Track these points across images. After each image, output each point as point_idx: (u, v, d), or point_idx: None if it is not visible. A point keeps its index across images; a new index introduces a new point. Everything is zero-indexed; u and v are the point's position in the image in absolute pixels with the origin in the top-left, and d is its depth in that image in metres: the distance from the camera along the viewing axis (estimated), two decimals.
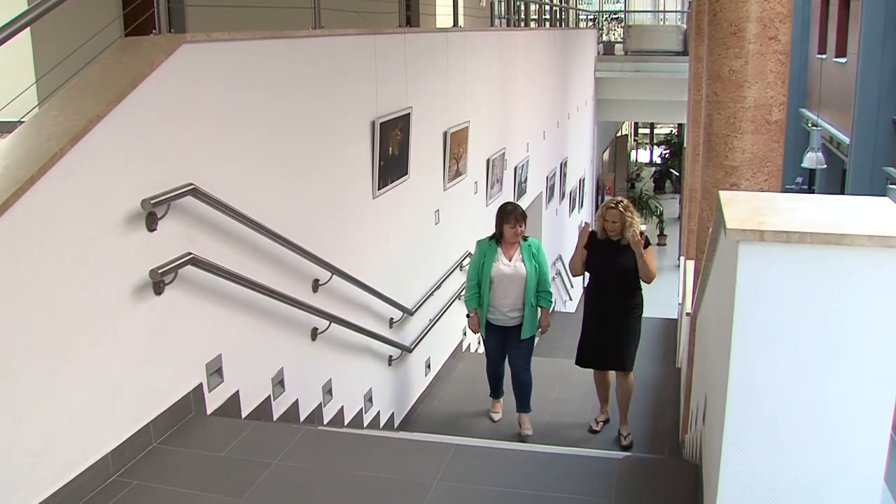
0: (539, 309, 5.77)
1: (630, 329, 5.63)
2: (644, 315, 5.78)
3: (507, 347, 5.90)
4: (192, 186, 3.53)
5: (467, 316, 5.90)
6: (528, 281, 5.63)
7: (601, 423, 6.05)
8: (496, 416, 6.24)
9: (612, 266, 5.50)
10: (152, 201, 3.29)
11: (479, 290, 5.75)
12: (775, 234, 1.99)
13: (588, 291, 5.79)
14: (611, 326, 5.59)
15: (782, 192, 4.51)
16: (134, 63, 3.32)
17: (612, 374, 5.89)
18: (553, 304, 5.89)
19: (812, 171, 15.95)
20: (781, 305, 2.03)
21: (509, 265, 5.66)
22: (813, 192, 16.24)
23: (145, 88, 3.28)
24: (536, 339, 5.81)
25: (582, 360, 5.83)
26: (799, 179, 16.48)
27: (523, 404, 6.02)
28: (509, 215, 5.65)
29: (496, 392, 6.23)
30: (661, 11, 28.53)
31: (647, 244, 5.43)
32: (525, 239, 5.73)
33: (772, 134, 4.15)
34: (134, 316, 3.31)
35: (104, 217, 3.13)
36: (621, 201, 5.52)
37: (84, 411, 3.08)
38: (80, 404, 3.06)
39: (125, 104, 3.17)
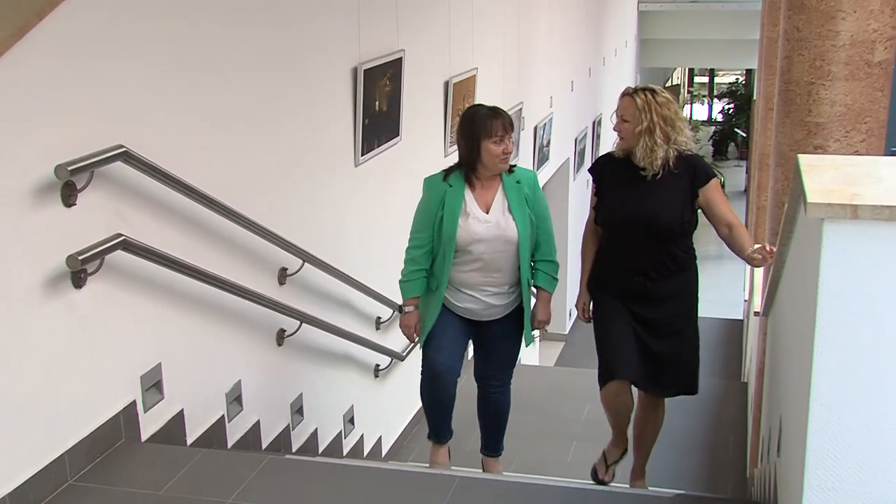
0: (537, 291, 4.42)
1: (683, 323, 4.29)
2: (700, 307, 4.40)
3: (465, 348, 4.59)
4: (123, 149, 3.49)
5: (400, 309, 4.49)
6: (520, 246, 4.20)
7: (612, 467, 4.68)
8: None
9: (639, 216, 4.10)
10: (70, 168, 3.24)
11: (427, 265, 4.33)
12: (874, 210, 1.95)
13: (602, 260, 4.35)
14: (646, 320, 4.23)
15: (886, 155, 4.45)
16: None
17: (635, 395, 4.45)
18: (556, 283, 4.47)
19: None
20: (880, 302, 2.00)
21: (489, 221, 4.19)
22: None
23: (57, 20, 3.21)
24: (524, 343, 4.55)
25: (616, 372, 4.23)
26: None
27: (493, 442, 4.76)
28: (490, 121, 4.12)
29: (441, 432, 4.67)
30: None
31: (708, 176, 4.14)
32: (511, 169, 4.27)
33: (873, 80, 4.07)
34: (46, 315, 3.27)
35: (4, 188, 3.08)
36: (650, 89, 4.13)
37: None
38: None
39: (29, 41, 3.10)
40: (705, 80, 35.32)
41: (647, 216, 4.07)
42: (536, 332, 4.54)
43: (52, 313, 3.29)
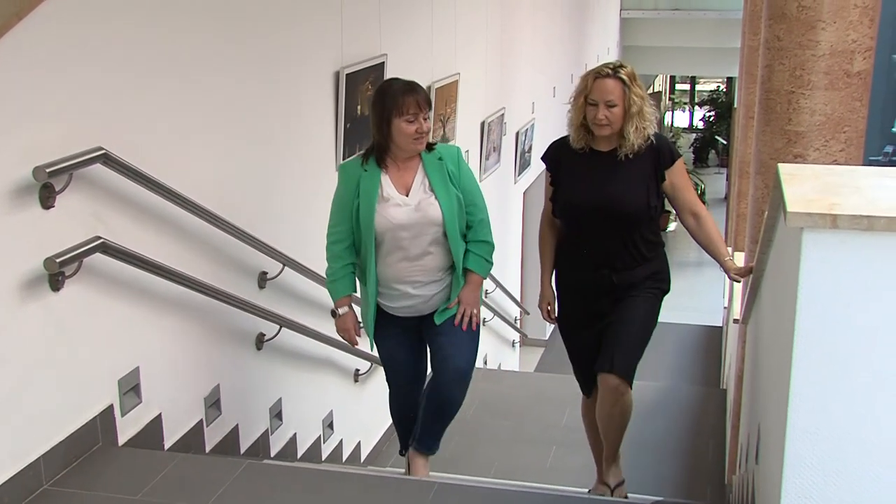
0: (466, 274, 4.00)
1: (642, 313, 3.97)
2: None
3: (424, 353, 4.24)
4: (102, 151, 3.47)
5: (333, 314, 4.16)
6: (447, 228, 3.88)
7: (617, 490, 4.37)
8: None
9: (603, 200, 3.83)
10: (48, 170, 3.21)
11: (352, 259, 4.02)
12: (853, 220, 1.95)
13: (562, 255, 4.08)
14: (605, 310, 3.97)
15: (865, 165, 4.47)
16: None
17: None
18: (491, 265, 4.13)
19: None
20: (859, 311, 2.00)
21: (408, 204, 3.87)
22: None
23: (35, 21, 3.19)
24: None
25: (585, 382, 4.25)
26: (889, 149, 16.47)
27: (429, 437, 4.29)
28: (402, 97, 3.78)
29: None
30: None
31: (673, 157, 3.92)
32: (431, 148, 3.96)
33: (852, 90, 4.10)
34: (22, 318, 3.25)
35: None
36: (622, 66, 3.89)
37: None
38: None
39: (9, 41, 3.08)
40: (687, 87, 35.46)
41: (610, 201, 3.80)
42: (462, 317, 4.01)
43: (28, 316, 3.27)
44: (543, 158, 4.12)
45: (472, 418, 6.47)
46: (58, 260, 3.28)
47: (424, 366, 4.29)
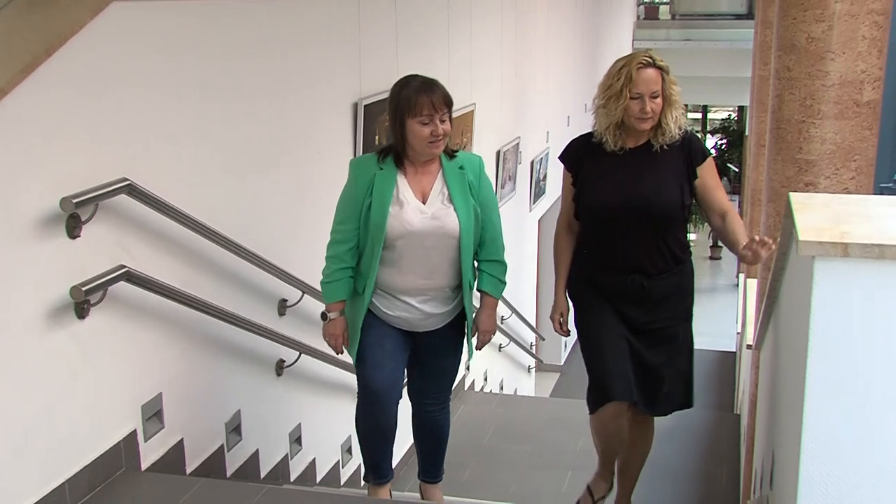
0: (481, 297, 3.80)
1: (678, 328, 3.82)
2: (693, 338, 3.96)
3: (409, 368, 3.92)
4: (127, 182, 3.50)
5: (324, 316, 3.92)
6: (462, 242, 3.60)
7: (599, 503, 4.32)
8: None
9: (635, 199, 3.59)
10: (75, 200, 3.24)
11: (353, 263, 3.72)
12: (864, 249, 1.96)
13: (586, 260, 3.83)
14: (639, 328, 3.75)
15: (875, 193, 4.47)
16: (49, 24, 3.27)
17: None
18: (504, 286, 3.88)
19: None
20: (871, 339, 2.00)
21: (425, 212, 3.58)
22: None
23: (65, 57, 3.23)
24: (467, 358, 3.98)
25: (614, 393, 3.73)
26: None
27: (432, 466, 4.17)
28: (416, 97, 3.47)
29: (380, 466, 3.99)
30: None
31: (704, 155, 3.69)
32: (453, 154, 3.70)
33: (862, 119, 4.11)
34: (49, 345, 3.27)
35: (10, 220, 3.09)
36: (651, 54, 3.66)
37: None
38: None
39: (39, 76, 3.12)
40: (698, 115, 35.43)
41: (643, 200, 3.55)
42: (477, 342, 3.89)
43: (55, 343, 3.29)
44: (562, 158, 3.88)
45: (489, 443, 6.45)
46: (83, 288, 3.30)
47: (401, 377, 3.87)
